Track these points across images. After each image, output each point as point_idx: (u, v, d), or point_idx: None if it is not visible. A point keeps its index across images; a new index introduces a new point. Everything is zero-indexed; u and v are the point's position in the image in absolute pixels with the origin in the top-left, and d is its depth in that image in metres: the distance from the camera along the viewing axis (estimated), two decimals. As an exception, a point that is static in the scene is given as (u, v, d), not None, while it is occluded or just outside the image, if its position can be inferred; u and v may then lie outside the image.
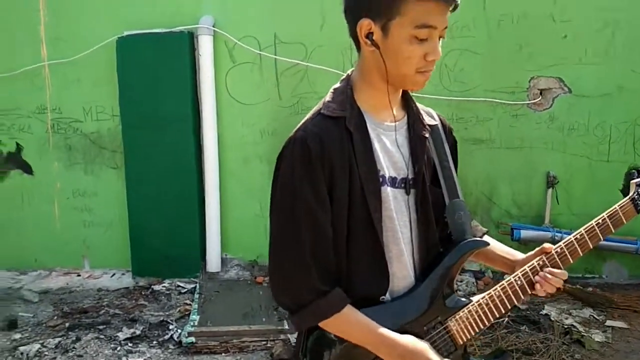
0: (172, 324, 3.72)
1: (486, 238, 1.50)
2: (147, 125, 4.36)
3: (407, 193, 1.36)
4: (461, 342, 1.36)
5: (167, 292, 4.30)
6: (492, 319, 1.37)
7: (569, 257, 1.38)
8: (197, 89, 4.44)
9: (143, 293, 4.29)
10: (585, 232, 1.38)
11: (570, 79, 4.29)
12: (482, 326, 1.37)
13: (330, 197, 1.28)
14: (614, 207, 1.40)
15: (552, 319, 3.57)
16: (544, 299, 3.86)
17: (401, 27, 1.22)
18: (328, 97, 1.36)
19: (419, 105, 1.46)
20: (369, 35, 1.26)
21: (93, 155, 4.56)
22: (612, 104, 4.29)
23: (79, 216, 4.61)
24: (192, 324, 3.61)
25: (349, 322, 1.29)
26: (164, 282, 4.41)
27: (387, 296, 1.34)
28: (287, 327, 3.60)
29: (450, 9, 1.24)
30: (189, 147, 4.42)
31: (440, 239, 1.41)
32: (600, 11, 4.20)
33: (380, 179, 1.31)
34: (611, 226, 1.38)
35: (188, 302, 4.10)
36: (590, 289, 4.15)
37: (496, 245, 1.53)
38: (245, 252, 4.64)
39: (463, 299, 1.39)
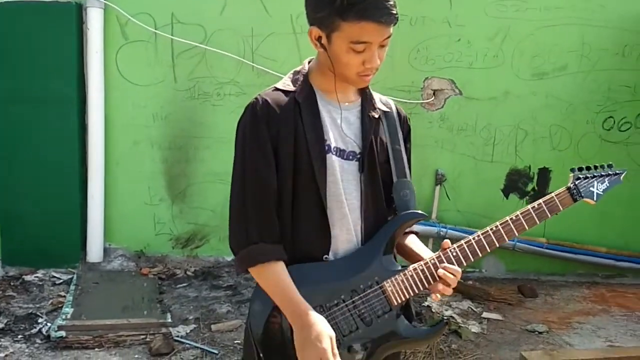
0: (42, 317, 3.44)
1: (411, 237, 1.64)
2: (24, 102, 4.00)
3: (361, 168, 1.51)
4: (396, 303, 1.47)
5: (40, 282, 3.98)
6: (426, 285, 1.49)
7: (504, 236, 1.52)
8: (84, 66, 4.14)
9: (12, 284, 3.94)
10: (522, 214, 1.52)
11: (461, 81, 4.47)
12: (416, 290, 1.49)
13: (277, 157, 1.44)
14: (550, 194, 1.54)
15: (433, 311, 3.70)
16: (428, 291, 3.99)
17: (340, 39, 1.38)
18: (286, 76, 1.55)
19: (378, 95, 1.63)
20: (319, 38, 1.43)
21: (-41, 131, 4.11)
22: (498, 107, 4.52)
23: (-60, 198, 4.14)
24: (63, 317, 3.35)
25: (271, 278, 1.42)
26: (37, 272, 4.08)
27: (331, 256, 1.48)
28: (169, 320, 3.45)
29: (391, 25, 1.38)
30: (71, 127, 4.11)
31: (389, 213, 1.56)
32: (492, 19, 4.40)
33: (326, 147, 1.47)
34: (547, 211, 1.52)
35: (63, 293, 3.81)
36: (470, 282, 4.36)
37: (415, 244, 1.63)
38: (130, 242, 4.40)
39: (401, 265, 1.51)
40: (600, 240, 4.66)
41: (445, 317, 1.57)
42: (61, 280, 4.03)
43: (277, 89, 1.51)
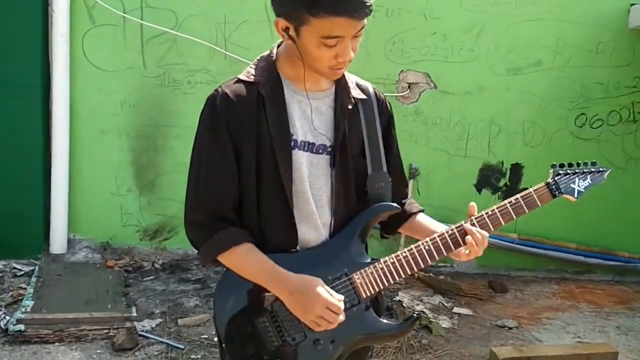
0: (0, 310, 3.31)
1: (421, 215, 1.60)
2: (-16, 86, 3.84)
3: (332, 163, 1.43)
4: (364, 296, 1.42)
5: (0, 274, 3.83)
6: (396, 278, 1.44)
7: (489, 224, 1.47)
8: (49, 50, 3.98)
9: (-31, 275, 3.78)
10: (497, 209, 1.47)
11: (436, 75, 4.43)
12: (386, 284, 1.44)
13: (239, 155, 1.39)
14: (529, 189, 1.49)
15: (405, 305, 3.67)
16: (400, 286, 3.98)
17: (310, 33, 1.30)
18: (251, 64, 1.46)
19: (354, 78, 1.54)
20: (286, 29, 1.34)
21: None
22: (473, 102, 4.50)
23: None
24: (23, 310, 3.23)
25: (246, 256, 1.38)
26: (-3, 263, 3.93)
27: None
28: (134, 314, 3.35)
29: (365, 18, 1.30)
30: (35, 113, 3.96)
31: (363, 209, 1.49)
32: (468, 12, 4.37)
33: (292, 142, 1.40)
34: (525, 206, 1.48)
35: (24, 285, 3.68)
36: (441, 277, 4.35)
37: (430, 222, 1.59)
38: (96, 233, 4.27)
39: (372, 258, 1.47)
40: (571, 237, 4.68)
41: (416, 313, 1.53)
42: (22, 272, 3.90)
43: (239, 80, 1.43)
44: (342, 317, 1.36)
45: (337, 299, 1.36)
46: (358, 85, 1.53)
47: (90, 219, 4.25)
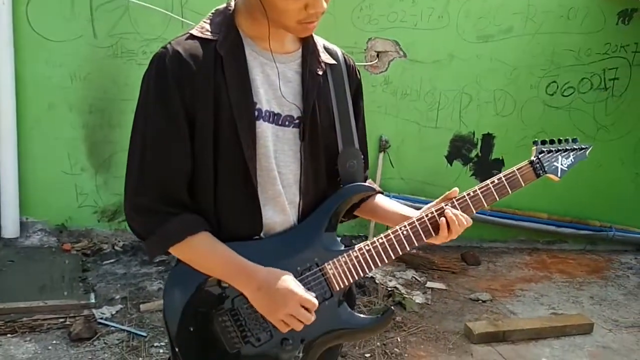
0: (-55, 302, 3.07)
1: (381, 197, 1.44)
2: None
3: (301, 136, 1.26)
4: (338, 289, 1.28)
5: (-54, 262, 3.57)
6: (372, 267, 1.30)
7: (471, 206, 1.35)
8: (-11, 19, 3.67)
9: None
10: (480, 189, 1.35)
11: (405, 43, 4.28)
12: (361, 273, 1.30)
13: (193, 125, 1.19)
14: (512, 168, 1.36)
15: (377, 282, 3.57)
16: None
17: None
18: (206, 18, 1.26)
19: (322, 41, 1.36)
20: None
21: None
22: (443, 71, 4.37)
23: None
24: (-29, 300, 3.00)
25: (203, 247, 1.20)
26: (-58, 251, 3.67)
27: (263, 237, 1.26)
28: (92, 300, 3.15)
29: None
30: (-24, 88, 3.66)
31: (331, 187, 1.34)
32: (437, -23, 4.22)
33: (256, 112, 1.21)
34: (508, 187, 1.36)
35: (-28, 274, 3.43)
36: (414, 250, 4.26)
37: (391, 204, 1.45)
38: (51, 215, 4.02)
39: (345, 245, 1.32)
40: (542, 207, 4.66)
41: (391, 305, 1.38)
42: (-29, 259, 3.64)
43: (192, 37, 1.22)
44: (316, 302, 1.21)
45: (312, 296, 1.21)
46: (326, 49, 1.35)
47: (43, 201, 3.99)
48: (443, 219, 1.30)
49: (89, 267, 3.71)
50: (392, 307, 1.42)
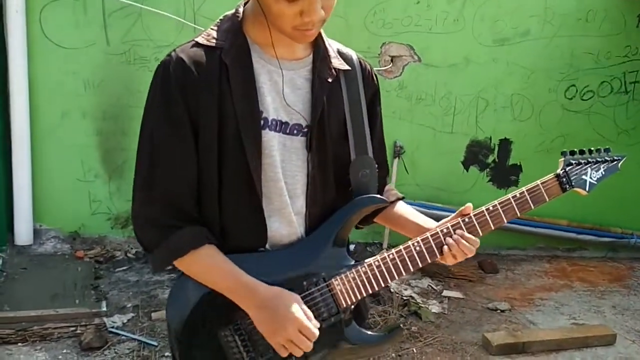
0: (-42, 309, 3.07)
1: (401, 204, 1.40)
2: None
3: (308, 146, 1.22)
4: (345, 305, 1.23)
5: (-39, 269, 3.58)
6: (382, 284, 1.25)
7: (478, 229, 1.28)
8: (3, 28, 3.67)
9: None
10: (500, 204, 1.28)
11: (420, 47, 4.22)
12: (370, 290, 1.25)
13: (198, 133, 1.17)
14: (535, 182, 1.29)
15: (392, 291, 3.49)
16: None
17: None
18: (213, 24, 1.24)
19: (337, 45, 1.32)
20: None
21: None
22: (459, 75, 4.31)
23: None
24: (-17, 308, 3.00)
25: (207, 261, 1.17)
26: (-43, 258, 3.67)
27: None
28: (104, 309, 3.13)
29: None
30: (-10, 96, 3.69)
31: (342, 198, 1.30)
32: (452, -20, 4.16)
33: (262, 121, 1.18)
34: (530, 202, 1.29)
35: (-14, 281, 3.43)
36: (429, 259, 4.17)
37: (410, 212, 1.41)
38: (64, 222, 4.02)
39: (354, 260, 1.28)
40: (561, 213, 4.54)
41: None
42: (-16, 266, 3.64)
43: (197, 44, 1.20)
44: (316, 333, 1.16)
45: (313, 324, 1.16)
46: (340, 54, 1.31)
47: (56, 208, 3.99)
48: (449, 240, 1.26)
49: (102, 274, 3.69)
50: (402, 325, 1.36)
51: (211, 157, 1.17)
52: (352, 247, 4.20)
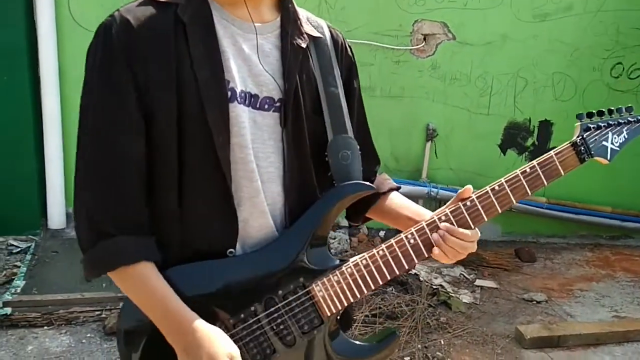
0: (-8, 291, 3.14)
1: (395, 195, 1.23)
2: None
3: (282, 122, 1.06)
4: (329, 314, 1.07)
5: (-5, 252, 3.67)
6: (371, 287, 1.07)
7: (482, 213, 1.10)
8: (33, 13, 3.69)
9: (-36, 253, 3.63)
10: (506, 181, 1.10)
11: (454, 24, 4.05)
12: (358, 295, 1.08)
13: (149, 110, 0.98)
14: (549, 153, 1.09)
15: (421, 279, 3.38)
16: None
17: None
18: None
19: (303, 11, 1.15)
20: None
21: None
22: (495, 53, 4.13)
23: None
24: (13, 291, 3.05)
25: (137, 284, 1.00)
26: (-7, 241, 3.77)
27: (238, 250, 1.05)
28: (128, 293, 3.13)
29: None
30: (22, 81, 3.70)
31: (321, 185, 1.13)
32: (489, -47, 3.96)
33: (229, 92, 1.01)
34: (543, 177, 1.10)
35: (19, 264, 3.49)
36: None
37: (403, 203, 1.22)
38: (96, 206, 4.06)
39: (336, 259, 1.10)
40: (605, 199, 4.34)
41: (397, 330, 1.17)
42: (19, 249, 3.72)
43: (147, 1, 1.02)
44: None
45: None
46: (310, 22, 1.15)
47: (88, 192, 4.03)
48: (435, 236, 1.09)
49: (131, 258, 3.71)
50: (397, 332, 1.16)
51: (169, 136, 0.99)
52: (381, 233, 4.11)
